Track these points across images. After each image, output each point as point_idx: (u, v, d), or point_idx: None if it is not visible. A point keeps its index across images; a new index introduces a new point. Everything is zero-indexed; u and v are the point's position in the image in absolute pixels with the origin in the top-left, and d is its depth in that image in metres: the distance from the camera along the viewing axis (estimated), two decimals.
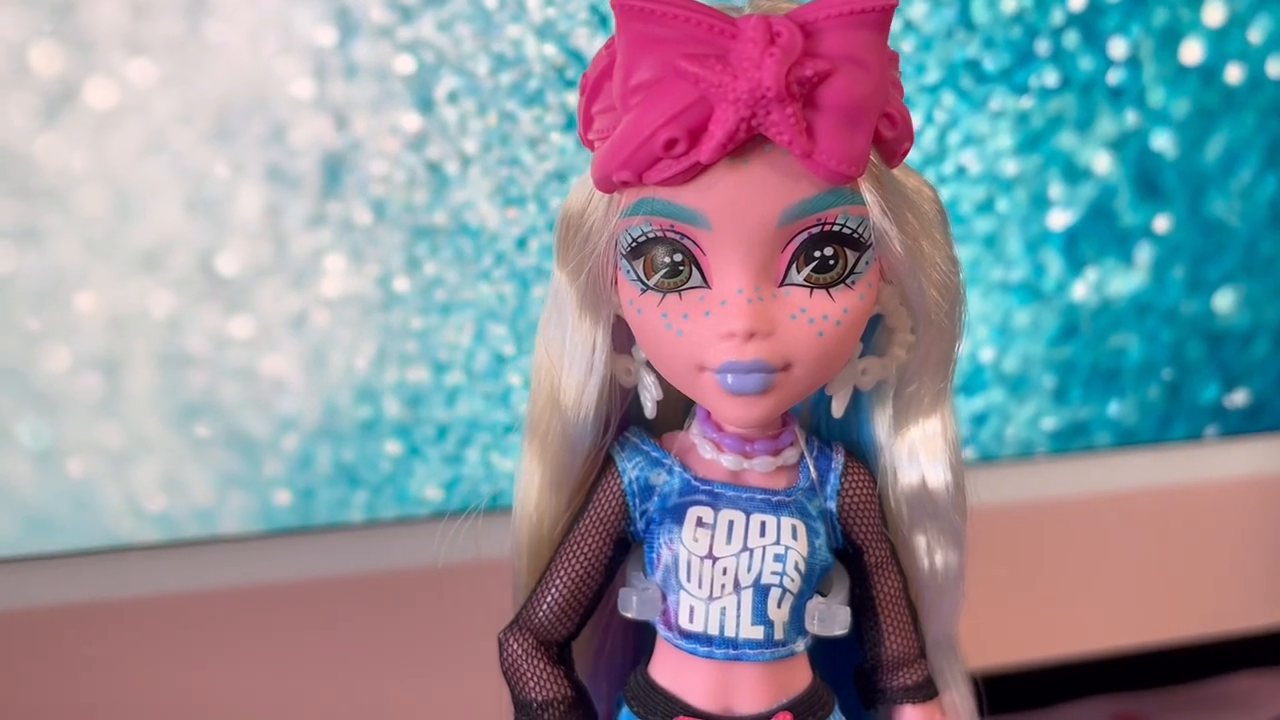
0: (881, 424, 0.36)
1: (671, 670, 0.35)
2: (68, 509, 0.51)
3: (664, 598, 0.34)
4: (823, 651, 0.36)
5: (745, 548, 0.33)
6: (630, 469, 0.35)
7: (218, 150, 0.50)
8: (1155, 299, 0.62)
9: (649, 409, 0.35)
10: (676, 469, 0.35)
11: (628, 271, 0.32)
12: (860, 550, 0.36)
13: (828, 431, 0.38)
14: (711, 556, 0.33)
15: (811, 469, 0.35)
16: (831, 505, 0.35)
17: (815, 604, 0.34)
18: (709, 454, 0.35)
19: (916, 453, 0.35)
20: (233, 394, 0.52)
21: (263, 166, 0.50)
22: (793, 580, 0.34)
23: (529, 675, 0.35)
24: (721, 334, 0.30)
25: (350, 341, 0.53)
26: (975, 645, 0.39)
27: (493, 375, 0.55)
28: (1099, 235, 0.61)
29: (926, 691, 0.37)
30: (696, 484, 0.34)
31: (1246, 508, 0.67)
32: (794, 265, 0.31)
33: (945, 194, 0.58)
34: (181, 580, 0.53)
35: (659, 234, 0.31)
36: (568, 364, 0.34)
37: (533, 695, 0.34)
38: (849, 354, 0.33)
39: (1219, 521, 0.66)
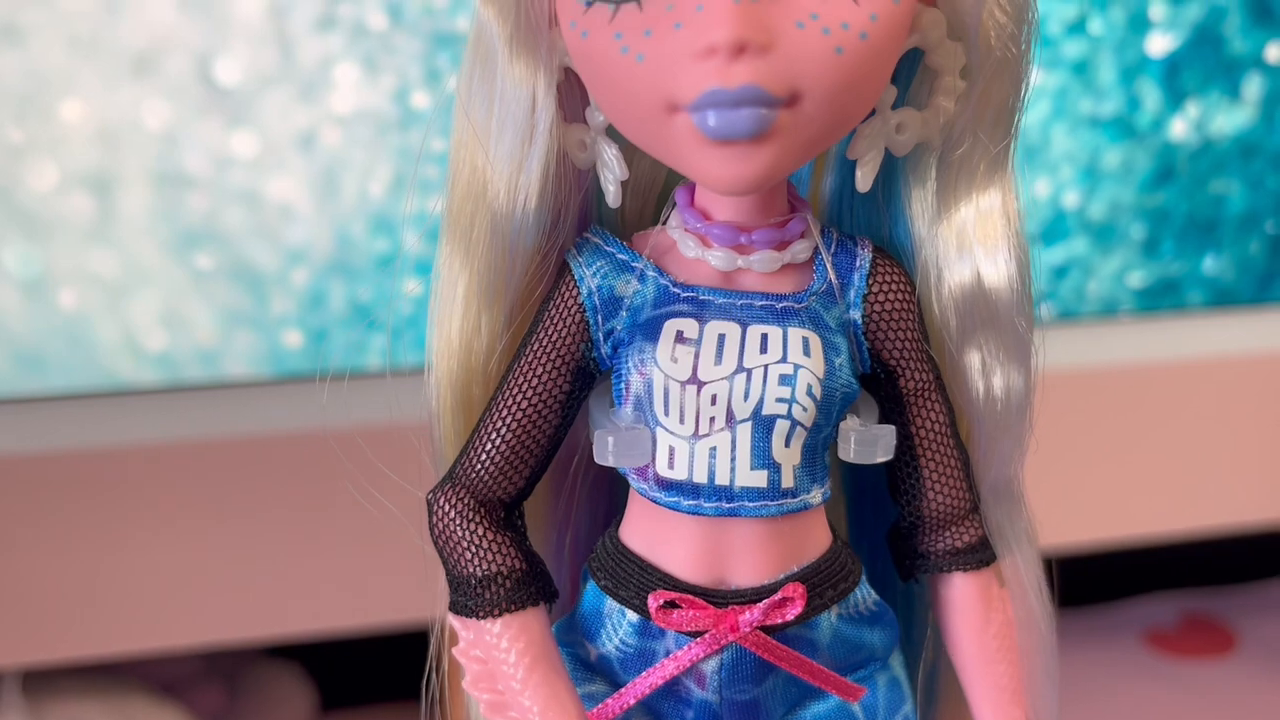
0: (920, 206, 0.27)
1: (647, 532, 0.27)
2: (61, 345, 0.47)
3: (652, 438, 0.26)
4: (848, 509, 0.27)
5: (741, 368, 0.25)
6: (590, 277, 0.26)
7: None
8: (1263, 140, 0.54)
9: (611, 194, 0.26)
10: (650, 274, 0.26)
11: None
12: (893, 374, 0.27)
13: (850, 224, 0.29)
14: (696, 381, 0.25)
15: (829, 267, 0.27)
16: (855, 314, 0.27)
17: (850, 424, 0.26)
18: (693, 251, 0.26)
19: (968, 240, 0.27)
20: (236, 220, 0.48)
21: None
22: (804, 409, 0.25)
23: (465, 543, 0.27)
24: (698, 50, 0.21)
25: (364, 164, 0.48)
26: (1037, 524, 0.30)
27: None
28: (1203, 64, 0.53)
29: (981, 555, 0.28)
30: (676, 291, 0.26)
31: None
32: None
33: None
34: (185, 427, 0.49)
35: None
36: (497, 131, 0.25)
37: (470, 568, 0.26)
38: (878, 88, 0.24)
39: None
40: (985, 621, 0.29)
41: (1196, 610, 0.64)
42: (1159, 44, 0.52)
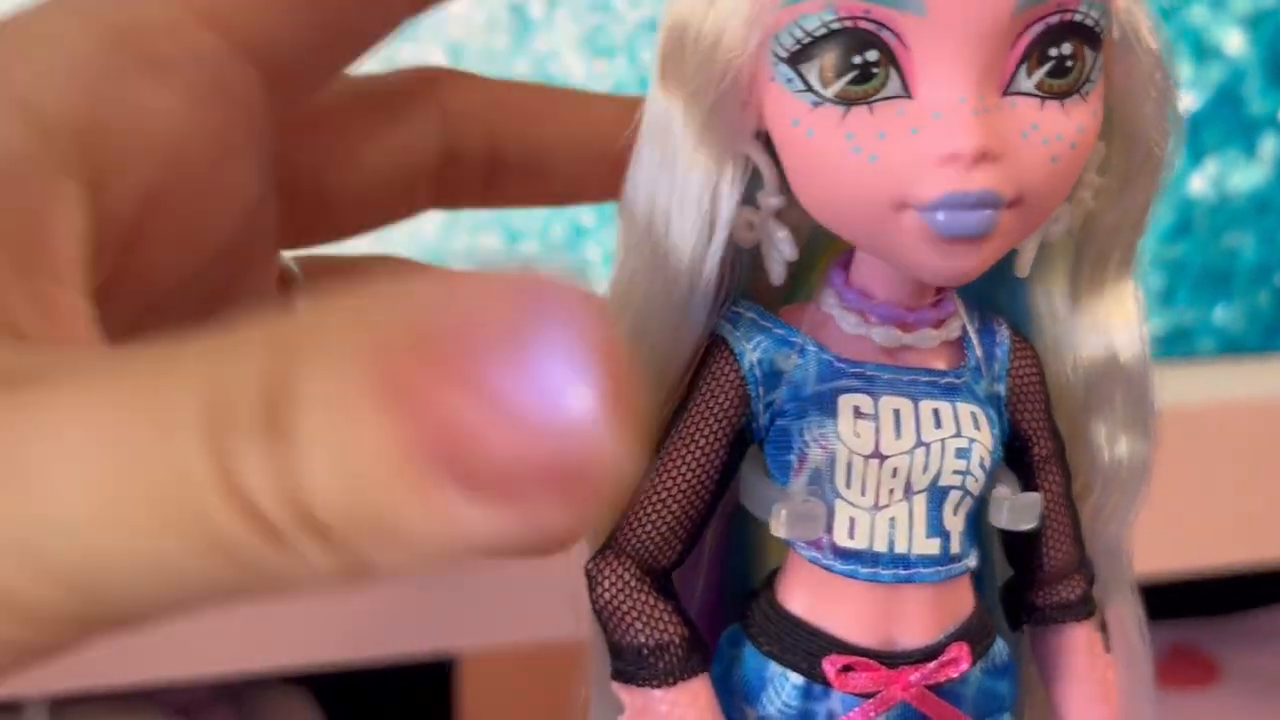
0: (1055, 287, 0.29)
1: (816, 598, 0.28)
2: None
3: (829, 512, 0.27)
4: None
5: (919, 442, 0.27)
6: (750, 351, 0.27)
7: None
8: (1276, 196, 0.58)
9: (777, 274, 0.28)
10: (810, 349, 0.27)
11: (789, 81, 0.24)
12: (1026, 443, 0.29)
13: (964, 297, 0.31)
14: (879, 455, 0.26)
15: (976, 344, 0.28)
16: (1000, 388, 0.29)
17: (1002, 493, 0.28)
18: (853, 328, 0.28)
19: (1102, 321, 0.29)
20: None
21: None
22: (975, 480, 0.27)
23: (634, 613, 0.27)
24: (939, 156, 0.23)
25: None
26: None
27: (569, 249, 0.49)
28: (1223, 123, 0.56)
29: (1088, 607, 0.31)
30: (841, 366, 0.27)
31: None
32: (1023, 67, 0.23)
33: None
34: None
35: (846, 25, 0.23)
36: (678, 216, 0.26)
37: (641, 637, 0.27)
38: (1070, 189, 0.25)
39: None
40: (1090, 667, 0.31)
41: (1180, 641, 0.66)
42: (1183, 103, 0.55)
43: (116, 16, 0.20)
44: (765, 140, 0.27)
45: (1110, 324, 0.29)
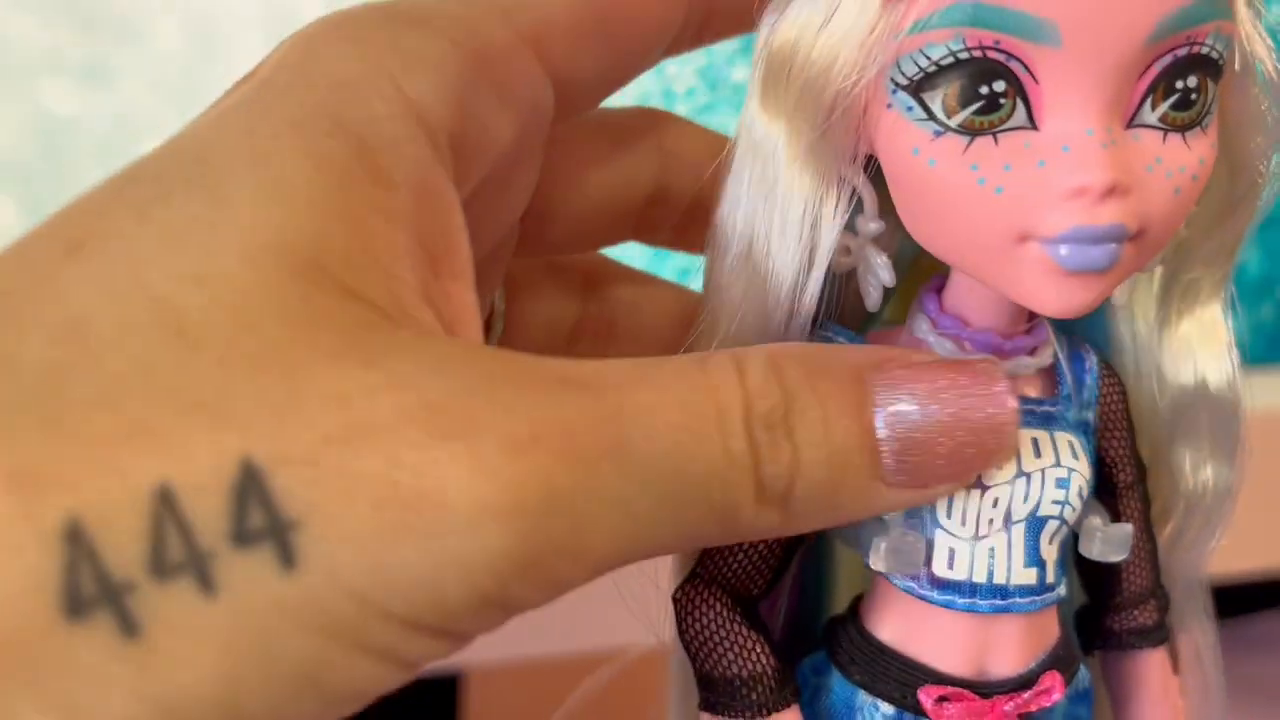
0: (1138, 314, 0.30)
1: (909, 627, 0.27)
2: None
3: (928, 544, 0.26)
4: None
5: (1020, 472, 0.26)
6: None
7: None
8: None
9: (873, 299, 0.27)
10: None
11: (909, 109, 0.24)
12: (1111, 470, 0.29)
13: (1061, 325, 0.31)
14: (980, 485, 0.26)
15: (1067, 371, 0.28)
16: (1089, 415, 0.29)
17: (1094, 524, 0.28)
18: (946, 354, 0.27)
19: (1191, 348, 0.29)
20: None
21: (361, 2, 0.43)
22: (1073, 510, 0.27)
23: (727, 644, 0.27)
24: (1068, 189, 0.23)
25: None
26: None
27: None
28: None
29: (1162, 634, 0.31)
30: None
31: None
32: (1149, 99, 0.23)
33: None
34: None
35: (974, 54, 0.23)
36: (778, 242, 0.26)
37: (734, 668, 0.27)
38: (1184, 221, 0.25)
39: None
40: (1164, 692, 0.31)
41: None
42: None
43: (475, 42, 0.22)
44: (865, 164, 0.26)
45: (1199, 351, 0.29)
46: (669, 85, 0.48)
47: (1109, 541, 0.28)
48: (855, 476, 0.22)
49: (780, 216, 0.26)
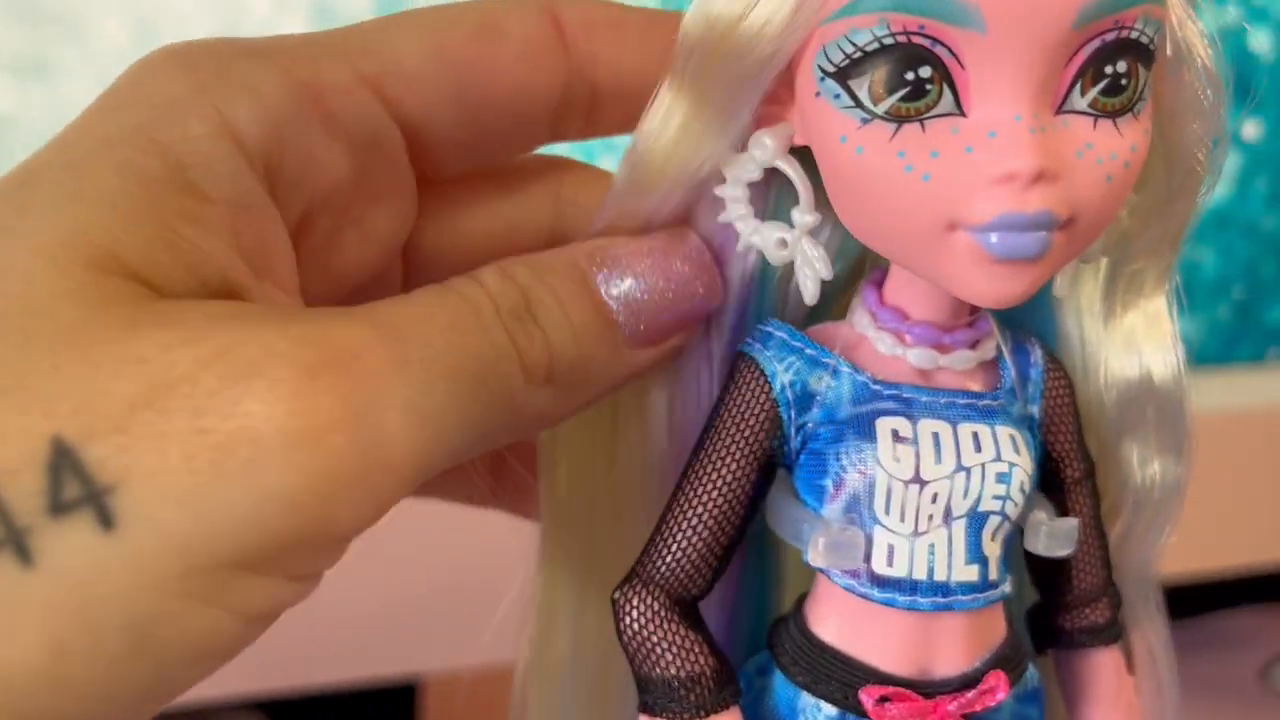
0: (1083, 307, 0.29)
1: (850, 626, 0.27)
2: None
3: (867, 540, 0.26)
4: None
5: (960, 467, 0.26)
6: (782, 372, 0.27)
7: None
8: (1235, 211, 0.58)
9: (810, 292, 0.27)
10: (844, 370, 0.27)
11: (836, 97, 0.23)
12: (1059, 465, 0.29)
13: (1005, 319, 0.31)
14: (919, 480, 0.26)
15: (1011, 365, 0.28)
16: (1034, 410, 0.28)
17: (1039, 518, 0.27)
18: (888, 349, 0.27)
19: (1136, 341, 0.29)
20: None
21: (309, 3, 0.43)
22: (1015, 506, 0.26)
23: (664, 645, 0.26)
24: (996, 175, 0.22)
25: None
26: None
27: None
28: None
29: (1114, 631, 0.30)
30: (877, 388, 0.27)
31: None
32: (1078, 85, 0.23)
33: None
34: None
35: (899, 40, 0.22)
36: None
37: (672, 670, 0.26)
38: (1119, 209, 0.25)
39: (1256, 451, 0.62)
40: (1117, 691, 0.30)
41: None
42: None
43: (306, 76, 0.23)
44: (801, 157, 0.26)
45: (1144, 344, 0.29)
46: None
47: (1054, 535, 0.27)
48: (601, 347, 0.25)
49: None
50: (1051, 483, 0.29)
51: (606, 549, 0.30)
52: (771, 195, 0.28)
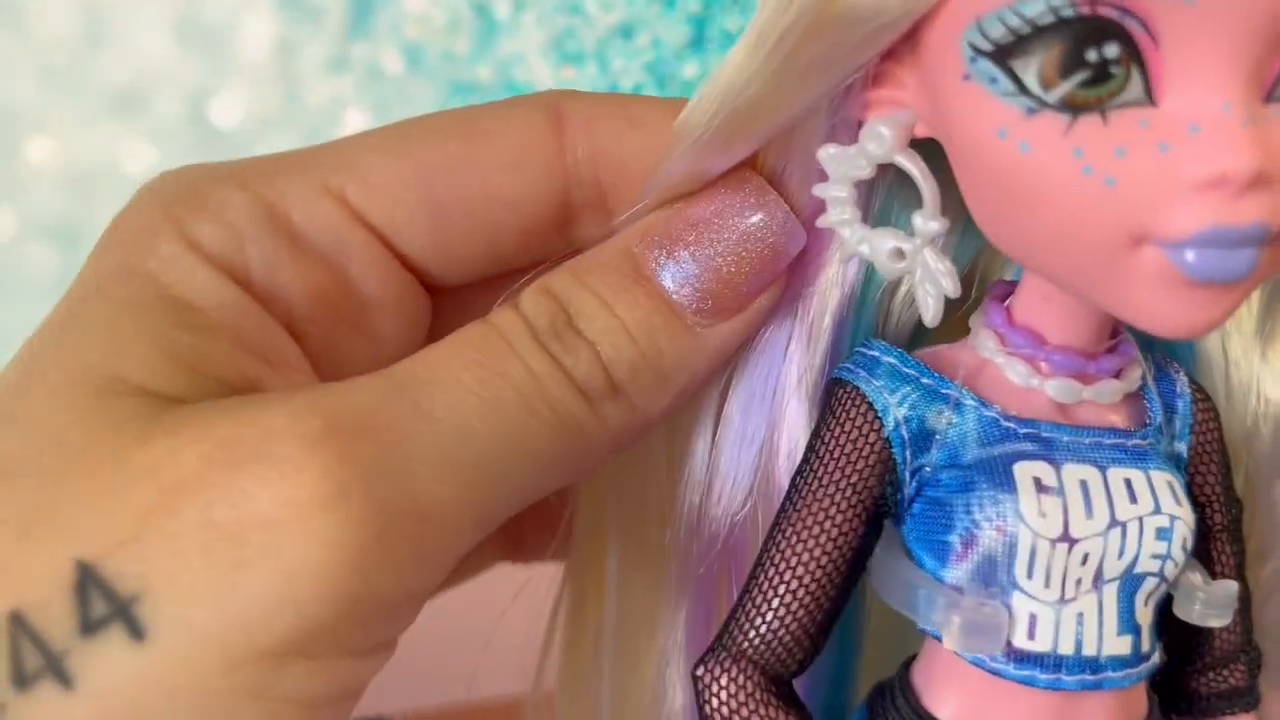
0: (1230, 325, 0.25)
1: (977, 707, 0.23)
2: None
3: (1008, 607, 0.22)
4: None
5: (1114, 521, 0.22)
6: (895, 405, 0.23)
7: None
8: None
9: (933, 313, 0.23)
10: (969, 403, 0.23)
11: (994, 82, 0.19)
12: (1203, 510, 0.25)
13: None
14: (1068, 538, 0.22)
15: (1156, 395, 0.24)
16: (1182, 448, 0.24)
17: (1193, 580, 0.23)
18: (1020, 378, 0.23)
19: None
20: None
21: None
22: (1175, 566, 0.22)
23: None
24: (1202, 178, 0.18)
25: None
26: None
27: None
28: None
29: (1252, 697, 0.26)
30: (1010, 425, 0.23)
31: None
32: None
33: None
34: None
35: (1082, 11, 0.18)
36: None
37: None
38: None
39: None
40: None
41: None
42: None
43: (267, 189, 0.24)
44: (923, 150, 0.22)
45: None
46: (615, 82, 0.45)
47: (1211, 603, 0.23)
48: (666, 337, 0.23)
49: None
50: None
51: (658, 616, 0.26)
52: (878, 196, 0.24)
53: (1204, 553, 0.25)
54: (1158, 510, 0.22)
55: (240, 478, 0.19)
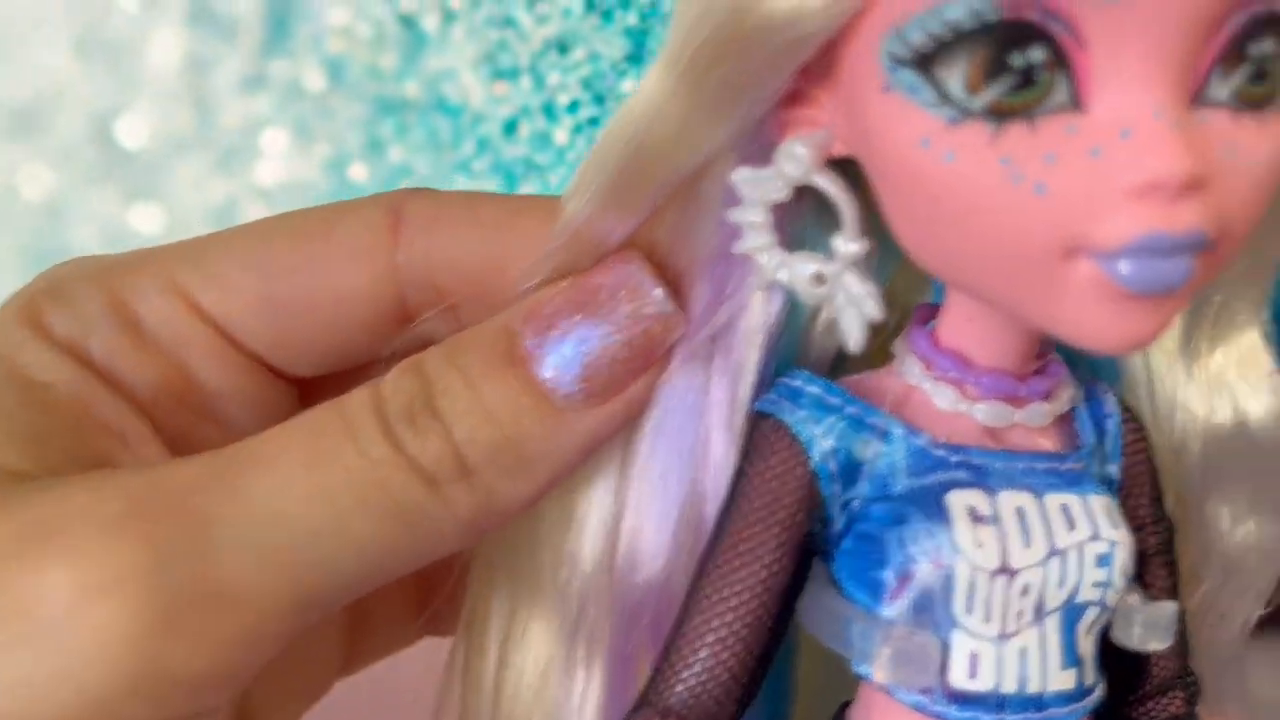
0: (1158, 343, 0.25)
1: None
2: None
3: (942, 648, 0.21)
4: None
5: (1053, 550, 0.21)
6: (821, 438, 0.22)
7: None
8: None
9: (856, 338, 0.22)
10: (897, 431, 0.22)
11: (915, 91, 0.18)
12: (1136, 533, 0.24)
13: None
14: (1007, 570, 0.21)
15: (1087, 418, 0.23)
16: (1113, 469, 0.24)
17: (1130, 603, 0.23)
18: (949, 403, 0.22)
19: (1227, 380, 0.24)
20: None
21: (186, 2, 0.41)
22: (1116, 593, 0.22)
23: None
24: (1135, 184, 0.17)
25: None
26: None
27: None
28: None
29: None
30: (940, 453, 0.22)
31: None
32: (1217, 71, 0.18)
33: None
34: None
35: (1006, 15, 0.17)
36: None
37: None
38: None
39: None
40: None
41: None
42: None
43: (116, 283, 0.25)
44: (841, 170, 0.21)
45: (1237, 385, 0.24)
46: (551, 98, 0.44)
47: (1150, 625, 0.23)
48: (533, 420, 0.23)
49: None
50: None
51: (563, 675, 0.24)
52: (792, 220, 0.23)
53: (1138, 576, 0.25)
54: (1096, 536, 0.21)
55: (31, 558, 0.20)
